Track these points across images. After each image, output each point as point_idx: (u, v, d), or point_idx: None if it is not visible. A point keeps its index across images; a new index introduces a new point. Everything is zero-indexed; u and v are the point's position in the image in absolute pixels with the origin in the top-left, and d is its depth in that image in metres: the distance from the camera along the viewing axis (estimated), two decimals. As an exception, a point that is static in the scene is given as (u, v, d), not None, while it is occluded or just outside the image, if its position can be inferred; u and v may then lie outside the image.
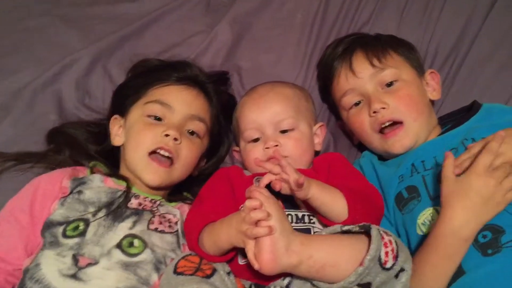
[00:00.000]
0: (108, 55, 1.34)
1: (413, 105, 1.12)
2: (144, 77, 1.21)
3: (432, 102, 1.22)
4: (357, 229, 0.90)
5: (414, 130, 1.11)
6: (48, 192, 1.04)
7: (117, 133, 1.16)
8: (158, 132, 1.08)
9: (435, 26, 1.35)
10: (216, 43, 1.37)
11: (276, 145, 1.10)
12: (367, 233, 0.88)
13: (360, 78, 1.15)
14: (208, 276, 0.88)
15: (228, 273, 0.92)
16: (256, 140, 1.13)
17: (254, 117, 1.13)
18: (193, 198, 1.16)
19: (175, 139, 1.08)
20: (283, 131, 1.11)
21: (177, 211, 1.08)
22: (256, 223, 0.86)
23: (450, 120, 1.20)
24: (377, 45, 1.19)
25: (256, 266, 0.86)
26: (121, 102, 1.18)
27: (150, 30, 1.39)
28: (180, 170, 1.11)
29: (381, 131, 1.13)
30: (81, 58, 1.32)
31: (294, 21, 1.39)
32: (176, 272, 0.90)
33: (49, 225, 1.01)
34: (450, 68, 1.33)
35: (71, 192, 1.04)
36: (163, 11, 1.40)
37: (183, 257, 0.92)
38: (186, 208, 1.11)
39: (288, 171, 0.92)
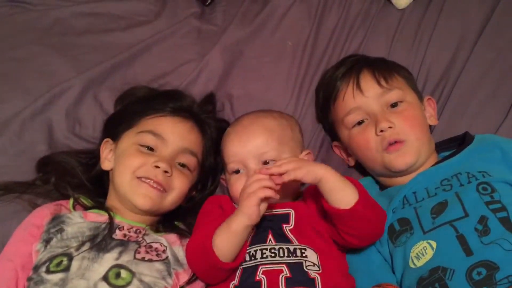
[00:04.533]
0: (99, 83, 1.33)
1: (417, 125, 1.13)
2: (138, 105, 1.20)
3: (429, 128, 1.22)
4: None
5: (416, 148, 1.11)
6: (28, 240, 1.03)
7: (107, 157, 1.15)
8: (149, 161, 1.08)
9: (424, 53, 1.36)
10: (207, 72, 1.37)
11: None
12: None
13: (367, 97, 1.16)
14: None
15: None
16: (238, 172, 1.12)
17: (236, 150, 1.12)
18: (185, 227, 1.15)
19: (166, 171, 1.08)
20: (266, 163, 1.10)
21: (163, 239, 1.06)
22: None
23: (442, 149, 1.21)
24: (383, 66, 1.21)
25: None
26: (114, 128, 1.18)
27: (141, 59, 1.38)
28: (171, 200, 1.11)
29: (384, 148, 1.11)
30: (71, 87, 1.30)
31: (284, 48, 1.40)
32: None
33: (34, 268, 0.99)
34: (440, 95, 1.33)
35: (49, 234, 1.03)
36: (154, 39, 1.40)
37: None
38: (172, 237, 1.09)
39: (273, 170, 0.96)
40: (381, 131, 1.11)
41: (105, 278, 0.95)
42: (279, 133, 1.14)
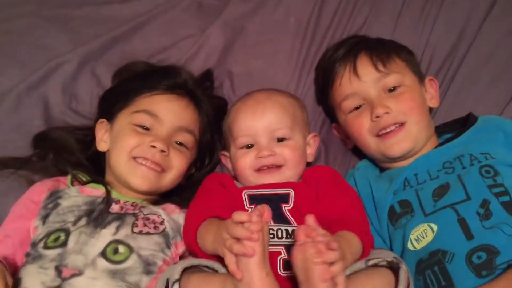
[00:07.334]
0: (96, 58, 1.30)
1: (416, 108, 1.11)
2: (132, 83, 1.18)
3: (430, 111, 1.20)
4: (384, 263, 0.89)
5: (414, 133, 1.09)
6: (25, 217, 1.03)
7: (102, 138, 1.13)
8: (145, 141, 1.07)
9: (430, 33, 1.33)
10: (207, 47, 1.33)
11: (271, 155, 1.08)
12: (392, 268, 0.88)
13: (364, 81, 1.13)
14: None
15: None
16: (249, 146, 1.10)
17: (249, 124, 1.10)
18: (182, 201, 1.13)
19: (162, 151, 1.06)
20: (279, 140, 1.09)
21: (161, 211, 1.06)
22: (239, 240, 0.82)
23: (445, 131, 1.19)
24: (381, 49, 1.17)
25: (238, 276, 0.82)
26: (108, 107, 1.16)
27: (140, 33, 1.35)
28: (169, 179, 1.10)
29: (378, 134, 1.10)
30: (68, 61, 1.27)
31: (287, 25, 1.36)
32: None
33: (33, 244, 0.99)
34: (445, 76, 1.31)
35: (47, 210, 1.02)
36: (154, 13, 1.36)
37: None
38: (172, 207, 1.08)
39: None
40: (377, 117, 1.09)
41: (103, 253, 0.95)
42: (293, 111, 1.13)
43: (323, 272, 0.77)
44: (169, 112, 1.10)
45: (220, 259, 0.89)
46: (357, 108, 1.14)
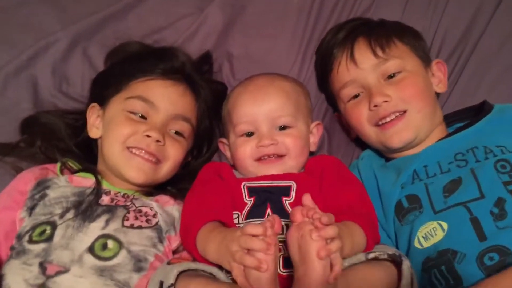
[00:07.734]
0: (89, 37, 1.25)
1: (418, 94, 1.05)
2: (126, 66, 1.12)
3: (438, 96, 1.14)
4: (385, 256, 0.85)
5: (415, 123, 1.04)
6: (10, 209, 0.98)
7: (94, 124, 1.08)
8: (140, 129, 1.01)
9: (442, 15, 1.26)
10: (205, 28, 1.28)
11: (272, 144, 1.02)
12: (394, 261, 0.85)
13: (362, 68, 1.07)
14: None
15: None
16: (249, 134, 1.05)
17: (250, 110, 1.05)
18: (177, 192, 1.08)
19: (158, 141, 1.01)
20: (281, 128, 1.04)
21: (153, 203, 1.01)
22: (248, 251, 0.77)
23: (456, 119, 1.13)
24: (381, 33, 1.11)
25: None
26: (101, 91, 1.10)
27: (135, 11, 1.28)
28: (165, 170, 1.05)
29: (378, 124, 1.05)
30: (58, 40, 1.22)
31: (290, 5, 1.29)
32: None
33: (18, 237, 0.94)
34: (457, 61, 1.25)
35: (33, 200, 0.97)
36: (149, -10, 1.30)
37: None
38: (166, 198, 1.04)
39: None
40: (375, 106, 1.04)
41: (90, 249, 0.91)
42: (296, 98, 1.08)
43: (320, 249, 0.74)
44: (164, 99, 1.05)
45: (219, 265, 0.86)
46: (355, 96, 1.09)
